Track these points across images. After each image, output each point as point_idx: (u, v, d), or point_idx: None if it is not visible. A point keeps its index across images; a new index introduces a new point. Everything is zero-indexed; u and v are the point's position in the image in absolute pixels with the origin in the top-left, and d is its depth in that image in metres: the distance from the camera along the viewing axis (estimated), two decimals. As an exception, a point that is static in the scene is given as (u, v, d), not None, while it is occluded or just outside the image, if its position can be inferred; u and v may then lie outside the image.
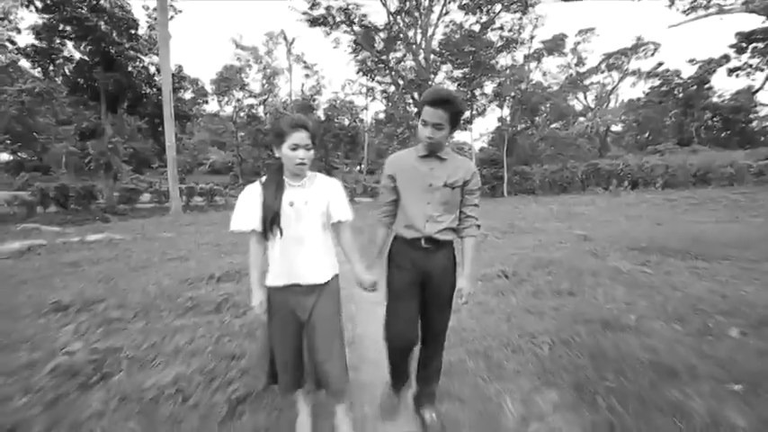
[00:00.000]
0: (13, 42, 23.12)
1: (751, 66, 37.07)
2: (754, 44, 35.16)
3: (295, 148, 1.53)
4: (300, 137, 1.53)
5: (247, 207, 1.61)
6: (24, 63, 25.53)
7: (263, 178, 1.66)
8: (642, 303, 3.31)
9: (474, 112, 24.20)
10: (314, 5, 19.35)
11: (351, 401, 1.97)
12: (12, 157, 44.36)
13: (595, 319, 2.94)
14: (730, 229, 6.42)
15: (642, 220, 7.88)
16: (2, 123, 34.49)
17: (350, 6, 19.07)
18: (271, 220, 1.55)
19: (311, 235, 1.63)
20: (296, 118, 1.58)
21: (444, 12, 20.84)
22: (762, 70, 37.16)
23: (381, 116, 28.40)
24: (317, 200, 1.63)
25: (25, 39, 41.07)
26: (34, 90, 26.28)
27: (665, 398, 1.89)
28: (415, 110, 20.62)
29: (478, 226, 1.83)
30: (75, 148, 38.53)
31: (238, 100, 37.77)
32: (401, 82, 20.02)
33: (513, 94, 19.69)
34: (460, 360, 2.46)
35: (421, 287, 1.78)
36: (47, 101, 28.15)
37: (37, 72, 22.86)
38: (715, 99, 38.54)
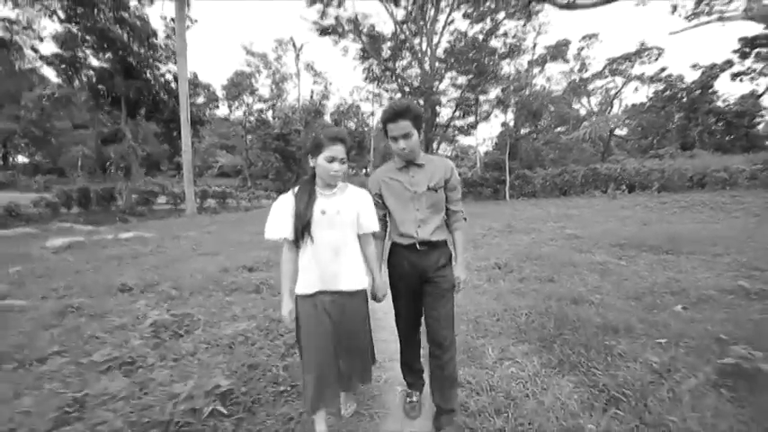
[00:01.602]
0: (35, 50, 24.22)
1: (754, 70, 37.37)
2: (757, 49, 35.46)
3: (331, 160, 1.59)
4: (337, 149, 1.59)
5: (280, 216, 1.65)
6: (46, 70, 26.64)
7: (296, 188, 1.70)
8: (609, 287, 3.98)
9: (478, 118, 24.90)
10: (323, 16, 20.18)
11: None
12: (28, 160, 45.67)
13: (567, 297, 3.62)
14: (707, 228, 7.04)
15: (630, 221, 8.51)
16: (21, 127, 35.78)
17: (358, 17, 19.89)
18: (302, 228, 1.60)
19: (345, 243, 1.69)
20: (336, 131, 1.65)
21: (449, 21, 21.59)
22: (765, 75, 37.47)
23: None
24: (348, 209, 1.69)
25: (48, 47, 42.46)
26: (54, 95, 27.41)
27: (603, 344, 2.57)
28: (423, 115, 21.49)
29: (465, 218, 1.97)
30: (91, 151, 39.79)
31: (248, 105, 38.79)
32: (407, 89, 20.77)
33: (515, 100, 20.31)
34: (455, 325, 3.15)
35: (420, 284, 1.88)
36: (65, 106, 29.29)
37: (58, 79, 23.85)
38: (719, 104, 38.77)
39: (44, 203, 17.13)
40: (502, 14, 21.36)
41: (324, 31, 20.61)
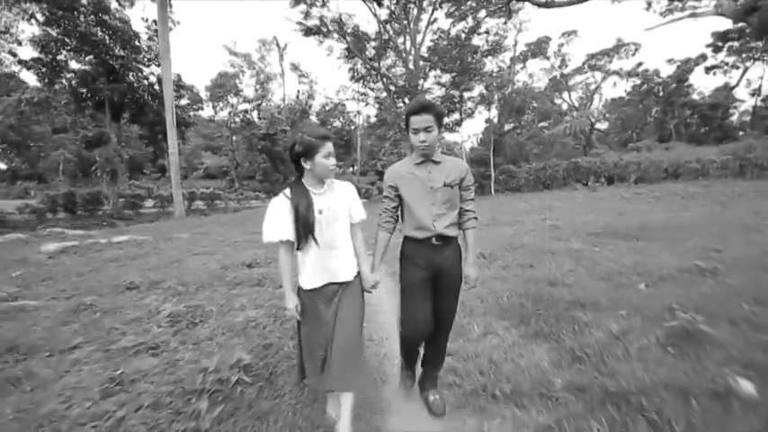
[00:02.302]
0: (14, 54, 23.71)
1: (727, 64, 38.80)
2: (729, 43, 36.79)
3: (328, 156, 1.68)
4: (330, 145, 1.68)
5: (277, 219, 1.69)
6: (26, 75, 26.06)
7: (288, 191, 1.72)
8: (582, 271, 4.38)
9: (462, 115, 25.36)
10: (308, 16, 20.32)
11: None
12: (6, 166, 44.54)
13: (544, 280, 4.01)
14: (676, 216, 7.57)
15: (607, 212, 9.02)
16: (-1, 132, 34.88)
17: (342, 17, 20.09)
18: (306, 230, 1.65)
19: (341, 238, 1.78)
20: (322, 130, 1.71)
21: (432, 20, 21.94)
22: (737, 68, 38.94)
23: (373, 120, 29.42)
24: (339, 204, 1.77)
25: (27, 51, 41.37)
26: (33, 100, 26.88)
27: (572, 317, 2.95)
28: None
29: (476, 218, 2.04)
30: (72, 155, 39.05)
31: (233, 105, 38.59)
32: (393, 88, 21.08)
33: (498, 97, 20.83)
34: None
35: (432, 281, 1.94)
36: (45, 110, 28.72)
37: (37, 83, 23.40)
38: (695, 96, 40.10)
39: (29, 209, 16.94)
40: (483, 13, 21.79)
41: (308, 32, 20.74)
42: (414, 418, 2.05)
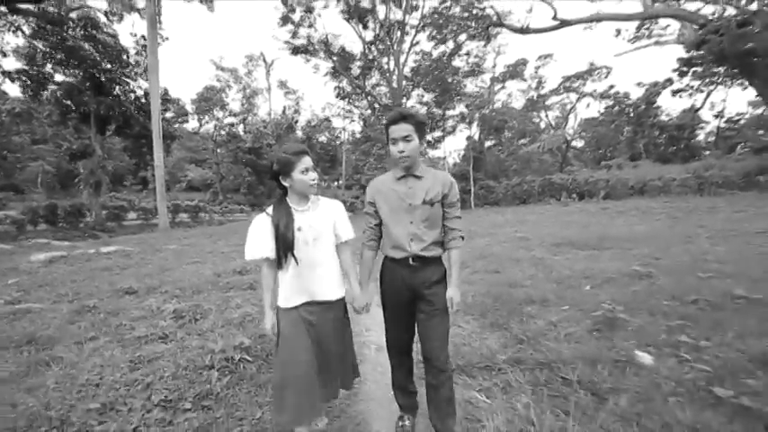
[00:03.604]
0: (-3, 65, 23.58)
1: (692, 87, 41.27)
2: (693, 68, 39.27)
3: (306, 171, 1.65)
4: (307, 160, 1.66)
5: (259, 237, 1.68)
6: (9, 86, 25.79)
7: (270, 209, 1.72)
8: (540, 275, 4.97)
9: (444, 132, 26.35)
10: (295, 36, 21.07)
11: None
12: (-20, 177, 43.23)
13: (505, 283, 4.57)
14: (632, 229, 8.32)
15: (573, 225, 9.75)
16: (-25, 143, 34.17)
17: (329, 37, 20.92)
18: (285, 249, 1.63)
19: (322, 256, 1.73)
20: (298, 146, 1.70)
21: (415, 42, 23.02)
22: (701, 91, 41.48)
23: (359, 135, 30.16)
24: (322, 222, 1.74)
25: (10, 62, 40.77)
26: (14, 110, 26.62)
27: (522, 311, 3.50)
28: (390, 130, 22.53)
29: (462, 237, 1.87)
30: (51, 166, 38.39)
31: (218, 119, 38.85)
32: (377, 106, 21.88)
33: (477, 115, 21.87)
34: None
35: (412, 301, 1.82)
36: (27, 121, 28.42)
37: (21, 94, 23.27)
38: (663, 117, 42.43)
39: (9, 221, 16.76)
40: (464, 36, 23.00)
41: (296, 50, 21.47)
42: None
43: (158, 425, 1.96)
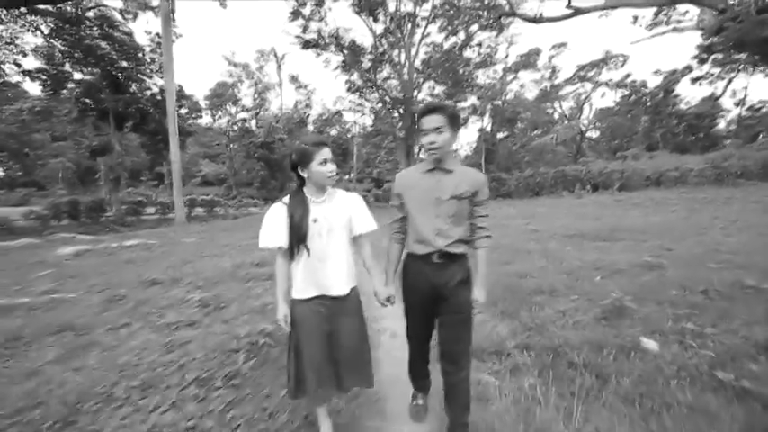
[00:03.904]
0: (18, 65, 24.31)
1: (712, 75, 40.09)
2: (714, 55, 38.08)
3: (324, 162, 1.65)
4: (327, 152, 1.65)
5: (274, 225, 1.70)
6: (28, 84, 26.56)
7: (286, 198, 1.74)
8: (551, 267, 5.05)
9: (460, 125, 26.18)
10: (306, 30, 21.14)
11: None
12: (4, 174, 44.82)
13: (516, 274, 4.67)
14: (646, 221, 8.28)
15: (586, 217, 9.72)
16: (-1, 141, 35.36)
17: (339, 31, 20.94)
18: (299, 239, 1.65)
19: (334, 249, 1.72)
20: (318, 137, 1.75)
21: (426, 34, 22.85)
22: (722, 79, 40.30)
23: (370, 128, 30.24)
24: (337, 215, 1.73)
25: (30, 61, 41.89)
26: (35, 108, 27.45)
27: (531, 300, 3.61)
28: (400, 124, 22.35)
29: (489, 236, 1.84)
30: (72, 163, 39.48)
31: (231, 114, 39.33)
32: (388, 99, 21.89)
33: (489, 107, 21.71)
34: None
35: (435, 302, 1.79)
36: (47, 119, 29.27)
37: (42, 92, 23.97)
38: (682, 106, 41.38)
39: (34, 216, 17.43)
40: (475, 27, 22.74)
41: (306, 45, 21.53)
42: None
43: (194, 400, 2.15)
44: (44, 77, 20.58)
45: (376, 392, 2.35)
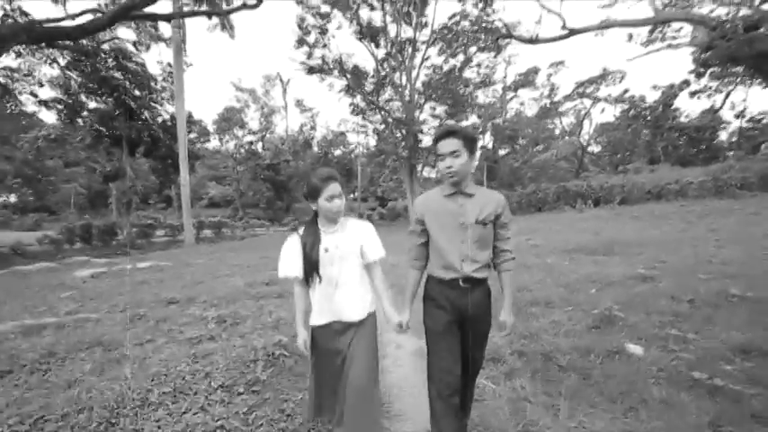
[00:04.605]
0: (35, 95, 25.39)
1: (710, 88, 40.62)
2: (710, 69, 38.69)
3: (331, 198, 1.71)
4: (333, 188, 1.71)
5: (291, 256, 1.80)
6: (44, 113, 27.62)
7: (301, 230, 1.84)
8: (549, 280, 5.27)
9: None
10: (310, 56, 21.98)
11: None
12: (17, 199, 45.89)
13: (516, 288, 4.89)
14: (643, 234, 8.49)
15: (586, 232, 9.94)
16: (14, 167, 36.47)
17: (342, 57, 21.74)
18: (311, 268, 1.75)
19: (346, 276, 1.79)
20: (327, 172, 1.75)
21: (426, 57, 23.62)
22: (720, 92, 40.80)
23: (373, 149, 30.85)
24: (348, 244, 1.80)
25: (46, 91, 43.47)
26: (50, 136, 28.45)
27: (527, 311, 3.84)
28: (403, 144, 22.86)
29: (514, 258, 1.85)
30: (83, 188, 40.43)
31: (238, 137, 40.34)
32: (390, 120, 22.50)
33: (489, 125, 22.20)
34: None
35: (459, 325, 1.78)
36: (61, 146, 30.28)
37: (57, 121, 24.88)
38: (682, 119, 41.80)
39: (48, 240, 17.92)
40: (474, 48, 23.50)
41: (311, 70, 22.33)
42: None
43: (220, 404, 2.41)
44: (60, 107, 21.48)
45: (384, 393, 2.59)
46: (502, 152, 34.75)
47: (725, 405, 2.13)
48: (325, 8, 20.79)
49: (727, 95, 40.90)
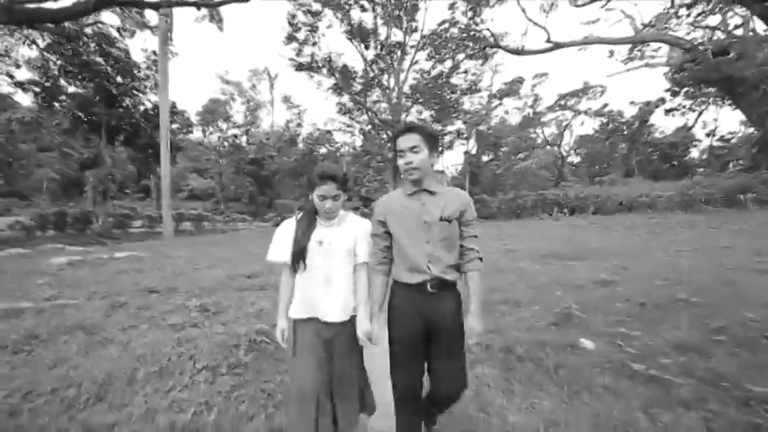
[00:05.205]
0: (11, 77, 24.48)
1: (684, 106, 42.48)
2: (685, 88, 40.49)
3: (322, 198, 1.65)
4: (326, 188, 1.64)
5: (282, 241, 1.76)
6: (21, 96, 26.64)
7: (299, 215, 1.78)
8: (520, 283, 5.59)
9: (442, 147, 27.20)
10: (299, 53, 22.03)
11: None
12: (-14, 183, 43.91)
13: (486, 288, 5.18)
14: (611, 243, 8.97)
15: (559, 239, 10.40)
16: (-17, 150, 34.98)
17: (332, 55, 21.88)
18: (297, 254, 1.69)
19: (337, 274, 1.72)
20: (324, 169, 1.67)
21: (414, 61, 24.01)
22: (693, 111, 42.73)
23: (358, 149, 31.05)
24: (342, 239, 1.74)
25: (23, 73, 41.89)
26: (23, 119, 27.46)
27: (496, 309, 4.12)
28: (389, 145, 23.15)
29: (481, 258, 1.75)
30: (57, 174, 39.09)
31: (222, 130, 39.81)
32: (377, 121, 22.75)
33: (473, 131, 22.72)
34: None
35: (426, 337, 1.67)
36: (35, 130, 29.26)
37: (32, 103, 24.07)
38: (657, 135, 43.61)
39: (20, 226, 17.35)
40: (462, 55, 24.01)
41: (300, 67, 22.40)
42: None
43: (204, 383, 2.57)
44: (37, 89, 20.83)
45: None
46: (485, 158, 35.52)
47: (657, 392, 2.44)
48: (316, 6, 20.91)
49: (700, 114, 42.80)
